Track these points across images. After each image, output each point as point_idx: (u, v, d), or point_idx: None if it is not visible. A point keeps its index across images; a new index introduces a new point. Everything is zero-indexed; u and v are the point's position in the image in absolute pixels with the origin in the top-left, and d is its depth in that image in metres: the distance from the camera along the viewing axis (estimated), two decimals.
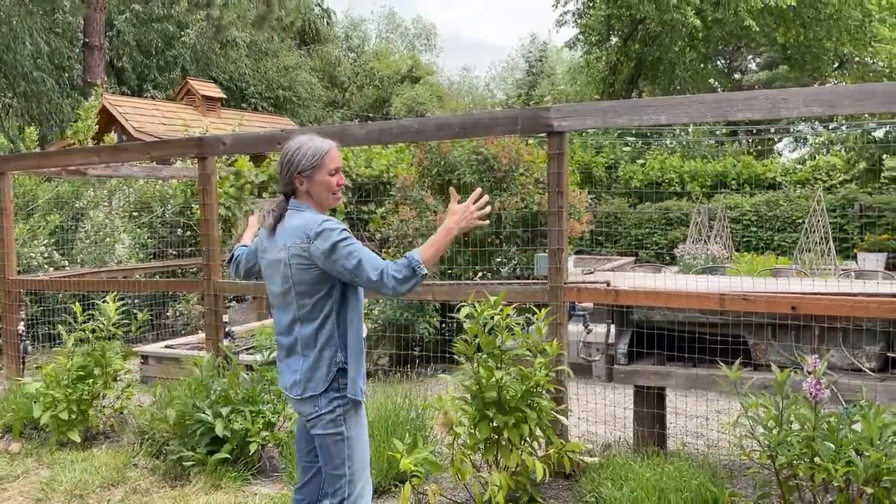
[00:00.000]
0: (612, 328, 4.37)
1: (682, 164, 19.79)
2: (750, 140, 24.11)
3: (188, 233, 8.70)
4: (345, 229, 2.64)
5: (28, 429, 5.22)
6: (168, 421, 4.43)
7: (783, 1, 19.21)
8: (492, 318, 3.68)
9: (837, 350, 3.75)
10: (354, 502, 2.73)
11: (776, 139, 26.93)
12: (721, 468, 3.80)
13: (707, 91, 26.79)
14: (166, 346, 6.67)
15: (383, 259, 2.65)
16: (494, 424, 3.65)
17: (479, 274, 6.59)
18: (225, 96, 16.81)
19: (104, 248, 8.04)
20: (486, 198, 2.76)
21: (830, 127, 20.92)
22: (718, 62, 30.34)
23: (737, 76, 31.44)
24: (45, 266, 7.52)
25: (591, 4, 24.02)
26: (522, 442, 3.72)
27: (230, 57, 22.81)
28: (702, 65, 25.67)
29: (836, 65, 25.73)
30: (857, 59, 24.27)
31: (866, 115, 15.52)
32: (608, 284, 4.23)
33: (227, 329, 5.51)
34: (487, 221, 2.77)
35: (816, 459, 3.05)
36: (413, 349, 6.31)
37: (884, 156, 15.05)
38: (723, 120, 4.08)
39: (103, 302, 5.16)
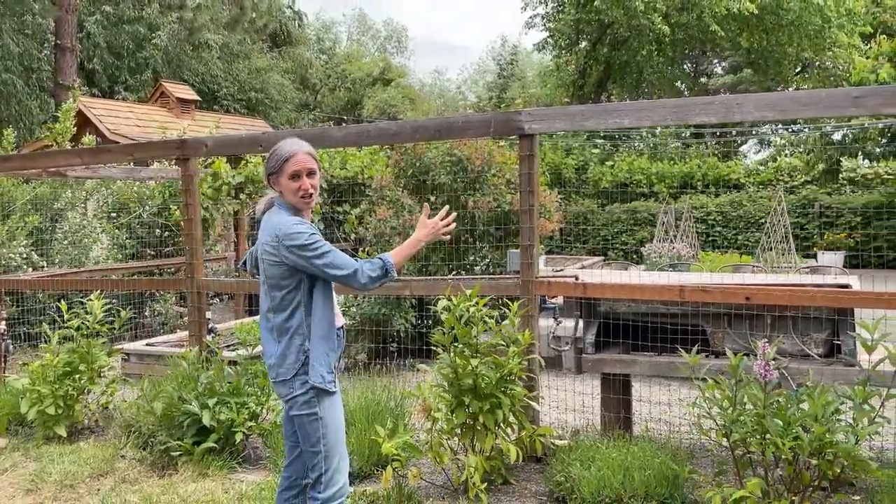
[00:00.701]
0: (581, 322, 4.61)
1: (650, 166, 20.24)
2: (714, 143, 24.70)
3: (166, 233, 8.80)
4: (314, 233, 2.83)
5: (13, 425, 5.33)
6: (155, 413, 4.58)
7: (746, 7, 19.77)
8: (467, 310, 3.91)
9: (788, 337, 4.04)
10: (331, 477, 2.92)
11: (739, 141, 27.59)
12: (682, 449, 4.06)
13: (674, 94, 27.39)
14: (148, 345, 6.79)
15: (357, 259, 2.91)
16: (470, 410, 3.87)
17: (454, 272, 6.81)
18: (199, 98, 16.83)
19: (82, 249, 8.11)
20: (453, 215, 3.10)
21: (792, 129, 21.54)
22: (685, 66, 30.98)
23: (703, 80, 32.14)
24: (24, 266, 7.58)
25: (560, 8, 24.43)
26: (497, 426, 3.95)
27: (202, 59, 22.74)
28: (669, 68, 26.23)
29: (798, 69, 26.47)
30: (817, 63, 25.01)
31: (825, 119, 16.06)
32: (577, 278, 4.48)
33: (210, 325, 5.65)
34: (449, 237, 3.15)
35: (767, 435, 3.32)
36: (390, 344, 6.51)
37: (841, 158, 15.61)
38: (682, 123, 4.36)
39: (88, 300, 5.29)
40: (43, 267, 7.85)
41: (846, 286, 3.96)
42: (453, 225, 3.10)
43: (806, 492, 3.34)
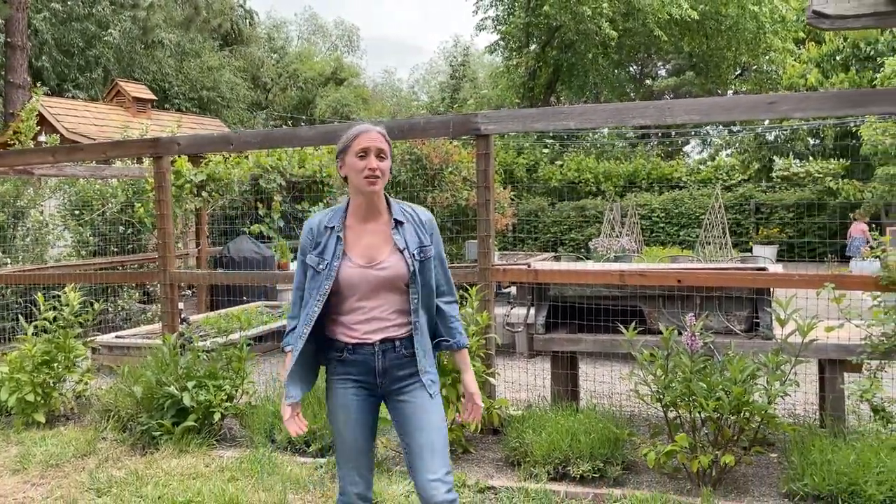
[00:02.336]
0: (532, 310, 5.05)
1: (597, 165, 20.98)
2: (658, 143, 25.63)
3: (129, 230, 8.97)
4: (302, 248, 2.72)
5: None
6: (136, 396, 4.85)
7: (688, 13, 20.65)
8: None
9: (714, 315, 4.55)
10: (342, 489, 2.74)
11: (680, 142, 28.66)
12: (622, 417, 4.54)
13: (620, 95, 28.36)
14: (117, 337, 7.00)
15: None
16: None
17: None
18: (156, 98, 16.83)
19: (44, 247, 8.23)
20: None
21: (731, 130, 22.55)
22: (631, 68, 31.98)
23: (648, 82, 33.23)
24: None
25: (510, 11, 25.01)
26: (458, 399, 4.35)
27: (154, 57, 22.59)
28: (615, 71, 27.09)
29: (737, 72, 27.64)
30: (754, 67, 26.18)
31: (760, 121, 16.96)
32: (529, 266, 4.93)
33: (182, 315, 5.92)
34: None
35: (694, 398, 3.80)
36: None
37: (774, 157, 16.52)
38: (622, 125, 4.86)
39: (63, 293, 5.53)
40: (7, 264, 7.96)
41: (763, 269, 4.49)
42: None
43: (727, 446, 3.84)
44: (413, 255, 2.64)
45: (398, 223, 2.67)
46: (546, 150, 22.15)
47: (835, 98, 4.24)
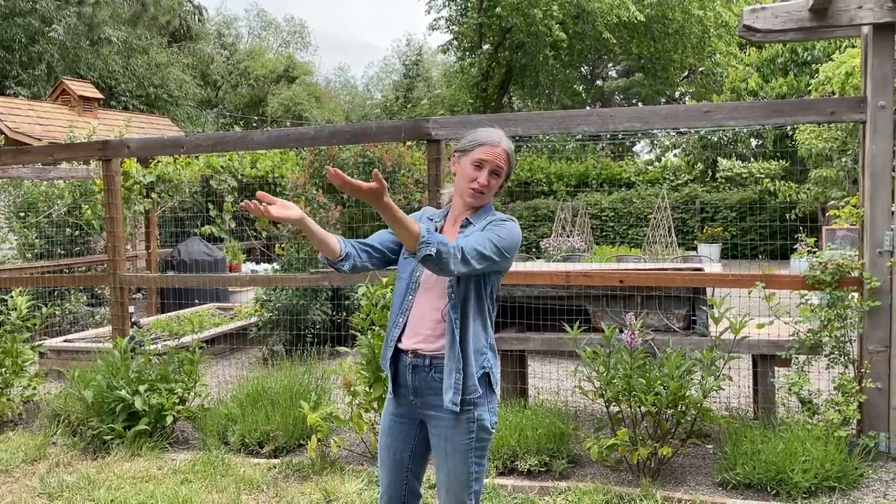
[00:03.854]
0: None
1: (549, 165, 21.31)
2: (607, 144, 26.14)
3: (76, 232, 8.83)
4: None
5: None
6: (86, 401, 4.83)
7: (635, 16, 21.11)
8: (384, 296, 4.42)
9: (654, 313, 4.76)
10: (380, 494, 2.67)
11: (627, 143, 29.28)
12: (568, 413, 4.71)
13: (572, 96, 28.82)
14: (66, 341, 6.91)
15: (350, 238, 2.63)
16: None
17: None
18: (103, 97, 16.48)
19: None
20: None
21: (679, 131, 23.15)
22: (583, 69, 32.49)
23: (599, 83, 33.83)
24: None
25: (463, 12, 25.18)
26: None
27: (100, 54, 22.04)
28: (567, 72, 27.49)
29: (685, 74, 28.36)
30: (701, 69, 26.90)
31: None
32: None
33: (133, 318, 5.90)
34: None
35: (634, 393, 3.99)
36: (307, 334, 6.90)
37: (719, 157, 17.06)
38: (566, 132, 5.03)
39: (9, 297, 5.46)
40: None
41: (699, 269, 4.72)
42: None
43: (665, 438, 4.04)
44: None
45: (469, 223, 2.50)
46: None
47: (765, 107, 4.48)
